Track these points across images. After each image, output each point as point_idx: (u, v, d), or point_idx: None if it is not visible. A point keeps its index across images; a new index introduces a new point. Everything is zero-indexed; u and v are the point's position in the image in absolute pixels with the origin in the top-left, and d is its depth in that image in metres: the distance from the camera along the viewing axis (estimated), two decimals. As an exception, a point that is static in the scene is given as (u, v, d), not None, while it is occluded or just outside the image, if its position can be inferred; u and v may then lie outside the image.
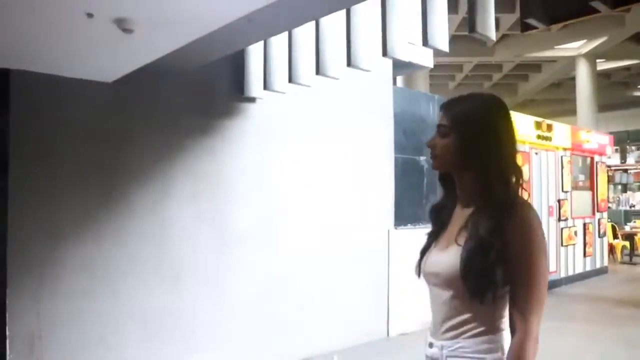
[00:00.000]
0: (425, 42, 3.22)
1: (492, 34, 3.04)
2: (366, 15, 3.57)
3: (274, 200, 4.95)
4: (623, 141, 29.68)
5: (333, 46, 3.85)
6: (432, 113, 6.63)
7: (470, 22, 2.94)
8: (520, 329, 1.38)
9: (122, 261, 3.91)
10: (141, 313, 4.01)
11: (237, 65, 4.48)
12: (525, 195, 1.47)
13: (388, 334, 5.91)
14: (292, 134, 5.12)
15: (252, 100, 4.72)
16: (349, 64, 3.67)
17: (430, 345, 1.54)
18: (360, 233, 5.72)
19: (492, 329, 1.43)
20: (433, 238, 1.58)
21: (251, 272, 4.72)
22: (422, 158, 6.46)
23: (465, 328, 1.44)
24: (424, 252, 1.58)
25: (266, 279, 4.83)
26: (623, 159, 34.42)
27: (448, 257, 1.45)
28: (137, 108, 4.04)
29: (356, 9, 3.53)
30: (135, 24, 2.69)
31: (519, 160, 6.92)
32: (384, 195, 6.03)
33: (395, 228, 6.05)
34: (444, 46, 3.30)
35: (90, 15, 2.54)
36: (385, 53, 3.44)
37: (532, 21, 2.76)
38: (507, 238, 1.35)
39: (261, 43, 4.26)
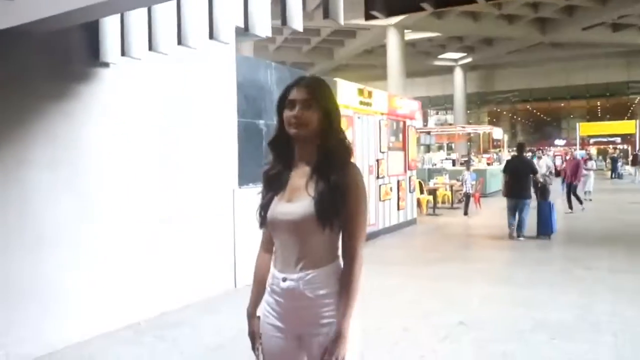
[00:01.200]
0: (284, 22, 3.80)
1: (341, 19, 3.73)
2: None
3: (131, 166, 5.24)
4: (425, 106, 33.10)
5: (194, 17, 4.27)
6: (270, 80, 7.27)
7: (325, 6, 3.58)
8: (349, 253, 2.04)
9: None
10: (2, 278, 4.13)
11: (93, 29, 4.65)
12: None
13: (235, 285, 6.55)
14: (145, 100, 5.41)
15: (106, 65, 4.91)
16: (210, 36, 4.13)
17: (284, 279, 2.00)
18: (208, 192, 6.23)
19: (333, 258, 2.08)
20: (271, 195, 2.09)
21: (111, 239, 5.01)
22: (261, 122, 7.10)
23: (315, 260, 2.04)
24: (265, 206, 2.09)
25: (126, 244, 5.16)
26: (425, 122, 38.38)
27: (302, 204, 2.01)
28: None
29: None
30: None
31: (344, 124, 7.78)
32: (229, 157, 6.59)
33: (239, 187, 6.66)
34: (299, 25, 3.92)
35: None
36: (247, 28, 3.95)
37: (375, 13, 3.49)
38: (343, 188, 2.00)
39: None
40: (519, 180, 10.27)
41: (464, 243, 10.39)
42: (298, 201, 1.97)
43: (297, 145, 2.01)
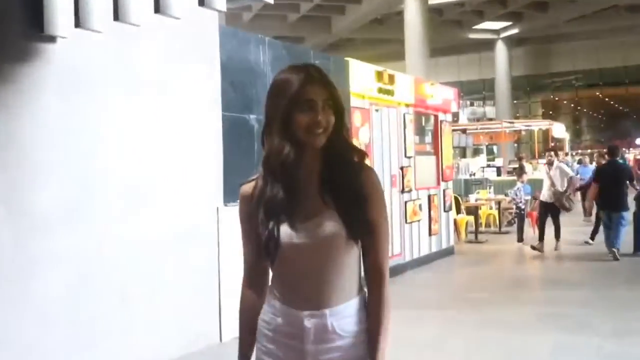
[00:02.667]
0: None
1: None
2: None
3: (83, 171, 5.37)
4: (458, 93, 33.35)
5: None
6: (264, 60, 7.45)
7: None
8: (376, 275, 2.22)
9: None
10: None
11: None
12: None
13: (221, 339, 6.67)
14: (102, 86, 5.56)
15: (53, 40, 5.06)
16: (201, 3, 4.30)
17: (309, 317, 2.15)
18: (183, 213, 6.37)
19: (360, 286, 2.27)
20: (276, 221, 2.20)
21: (59, 264, 5.12)
22: (253, 117, 7.26)
23: (344, 289, 2.21)
24: (272, 236, 2.13)
25: (79, 272, 5.27)
26: (456, 117, 38.76)
27: (325, 220, 2.17)
28: None
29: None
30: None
31: (358, 120, 8.21)
32: (211, 165, 6.74)
33: (225, 205, 6.80)
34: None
35: None
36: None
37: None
38: (365, 196, 2.19)
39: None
40: (615, 190, 10.86)
41: (519, 279, 10.59)
42: (318, 217, 2.14)
43: (304, 153, 2.17)
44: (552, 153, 13.37)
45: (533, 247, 12.54)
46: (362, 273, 2.25)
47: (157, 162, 6.13)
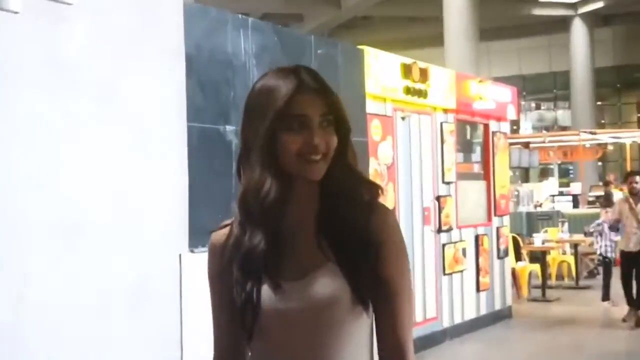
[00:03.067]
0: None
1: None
2: None
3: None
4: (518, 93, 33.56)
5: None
6: (246, 49, 7.52)
7: None
8: (395, 354, 2.22)
9: None
10: None
11: None
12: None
13: None
14: (20, 87, 5.60)
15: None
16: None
17: None
18: (131, 263, 6.38)
19: None
20: (258, 270, 2.22)
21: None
22: (230, 128, 7.33)
23: None
24: (250, 298, 2.20)
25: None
26: (515, 124, 38.56)
27: (322, 278, 2.18)
28: None
29: None
30: None
31: (378, 132, 8.36)
32: (171, 196, 6.78)
33: (191, 250, 6.83)
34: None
35: None
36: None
37: None
38: (376, 246, 2.19)
39: None
40: None
41: (606, 356, 10.52)
42: (313, 274, 2.17)
43: (293, 189, 2.21)
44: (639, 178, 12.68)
45: (624, 320, 12.42)
46: (376, 351, 2.27)
47: (95, 190, 6.16)
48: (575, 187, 25.77)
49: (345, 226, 2.15)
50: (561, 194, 24.07)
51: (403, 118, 10.33)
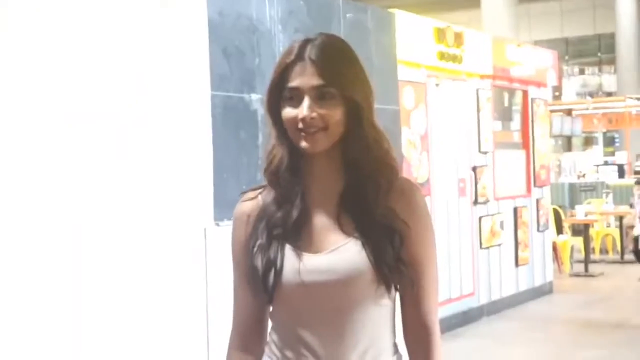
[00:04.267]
0: None
1: None
2: None
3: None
4: (559, 58, 33.36)
5: None
6: (271, 15, 7.53)
7: None
8: (421, 334, 2.28)
9: None
10: None
11: None
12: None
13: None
14: (38, 60, 5.66)
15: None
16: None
17: None
18: (152, 238, 6.43)
19: (394, 347, 2.33)
20: (279, 244, 2.29)
21: None
22: (256, 97, 7.35)
23: (371, 349, 2.25)
24: (273, 263, 2.27)
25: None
26: (558, 90, 38.25)
27: (344, 252, 2.22)
28: None
29: None
30: None
31: (410, 100, 8.32)
32: (195, 167, 6.82)
33: (217, 224, 6.89)
34: None
35: None
36: None
37: None
38: (399, 222, 2.24)
39: None
40: None
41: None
42: (335, 248, 2.22)
43: (309, 162, 2.27)
44: None
45: None
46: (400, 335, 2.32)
47: (117, 164, 6.21)
48: (621, 157, 25.52)
49: (367, 206, 2.20)
50: (606, 163, 23.87)
51: (437, 85, 10.33)
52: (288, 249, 2.22)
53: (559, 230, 14.87)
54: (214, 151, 6.96)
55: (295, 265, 2.19)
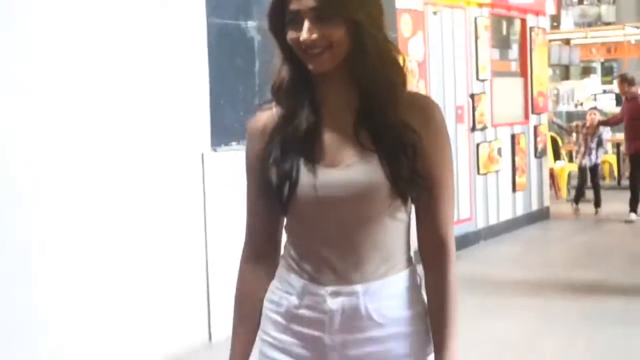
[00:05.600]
0: None
1: None
2: None
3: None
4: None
5: None
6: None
7: None
8: (437, 248, 2.28)
9: None
10: None
11: None
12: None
13: (211, 338, 6.89)
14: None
15: None
16: None
17: (334, 294, 2.22)
18: (149, 164, 6.45)
19: (408, 259, 2.33)
20: (294, 158, 2.27)
21: None
22: (252, 24, 7.31)
23: (386, 262, 2.27)
24: (288, 176, 2.24)
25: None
26: (556, 21, 37.92)
27: (360, 166, 2.21)
28: None
29: None
30: None
31: (408, 27, 8.22)
32: (192, 95, 6.82)
33: (214, 149, 6.92)
34: None
35: None
36: None
37: None
38: (415, 136, 2.21)
39: None
40: None
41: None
42: (351, 162, 2.21)
43: (320, 82, 2.25)
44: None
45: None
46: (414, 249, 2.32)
47: (114, 91, 6.20)
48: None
49: (381, 120, 2.19)
50: (604, 92, 23.68)
51: (435, 13, 10.28)
52: (303, 162, 2.21)
53: (557, 157, 14.90)
54: (210, 78, 6.94)
55: (311, 178, 2.19)
